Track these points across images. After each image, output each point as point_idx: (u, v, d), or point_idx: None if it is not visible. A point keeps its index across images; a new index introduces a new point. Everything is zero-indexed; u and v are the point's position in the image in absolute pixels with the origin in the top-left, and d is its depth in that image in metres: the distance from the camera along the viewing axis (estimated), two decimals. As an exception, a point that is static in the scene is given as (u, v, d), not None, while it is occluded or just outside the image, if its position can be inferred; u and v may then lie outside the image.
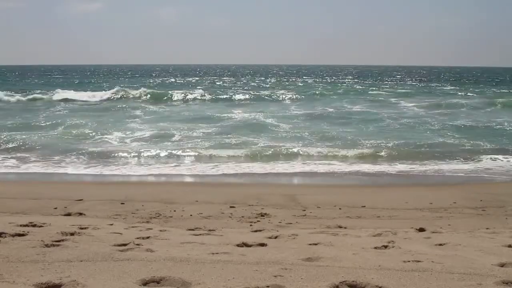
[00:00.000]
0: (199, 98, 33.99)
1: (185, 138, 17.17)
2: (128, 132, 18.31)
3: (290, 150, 14.72)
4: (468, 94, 39.54)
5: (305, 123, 21.70)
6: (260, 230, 5.38)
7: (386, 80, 65.85)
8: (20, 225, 5.09)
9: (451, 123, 21.41)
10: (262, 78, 67.52)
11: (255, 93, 37.20)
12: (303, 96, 35.27)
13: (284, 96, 34.34)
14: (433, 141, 16.59)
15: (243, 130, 18.85)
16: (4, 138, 15.90)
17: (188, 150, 14.63)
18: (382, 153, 14.19)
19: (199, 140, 16.53)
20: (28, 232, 4.63)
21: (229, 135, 17.71)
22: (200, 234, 5.00)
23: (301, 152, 14.37)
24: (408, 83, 58.95)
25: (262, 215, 7.15)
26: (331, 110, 27.05)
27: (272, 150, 14.65)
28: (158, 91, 36.83)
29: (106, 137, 17.08)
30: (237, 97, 34.73)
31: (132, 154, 14.04)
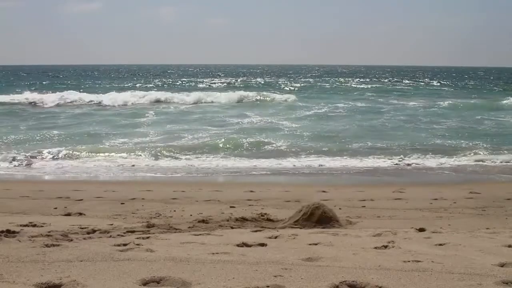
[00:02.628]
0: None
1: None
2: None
3: (290, 149, 14.76)
4: (467, 94, 39.54)
5: (306, 122, 21.72)
6: (260, 230, 5.37)
7: (384, 79, 65.79)
8: (20, 225, 5.09)
9: (449, 123, 21.45)
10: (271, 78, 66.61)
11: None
12: (303, 97, 35.24)
13: (288, 98, 33.99)
14: (431, 140, 16.61)
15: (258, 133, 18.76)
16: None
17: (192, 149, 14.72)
18: (383, 153, 14.21)
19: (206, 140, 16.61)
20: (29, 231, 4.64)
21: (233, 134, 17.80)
22: (200, 234, 5.00)
23: (300, 152, 14.40)
24: (407, 82, 58.89)
25: (262, 215, 7.13)
26: (329, 109, 27.07)
27: (273, 149, 14.69)
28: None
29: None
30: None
31: (130, 153, 14.05)
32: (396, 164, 12.97)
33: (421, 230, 5.40)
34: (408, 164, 12.94)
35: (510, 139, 16.80)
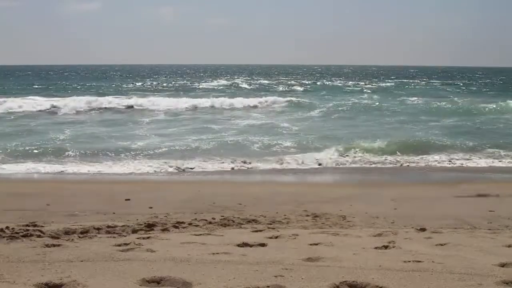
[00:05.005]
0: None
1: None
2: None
3: (290, 149, 14.76)
4: (468, 93, 39.50)
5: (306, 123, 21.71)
6: (260, 230, 5.37)
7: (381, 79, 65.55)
8: (21, 225, 5.10)
9: (442, 123, 21.36)
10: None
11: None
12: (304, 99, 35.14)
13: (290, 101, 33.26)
14: (427, 139, 16.53)
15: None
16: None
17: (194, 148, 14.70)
18: (385, 152, 14.20)
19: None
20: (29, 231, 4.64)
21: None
22: (201, 234, 5.00)
23: (299, 151, 14.40)
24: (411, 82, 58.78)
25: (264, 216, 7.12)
26: (325, 109, 26.89)
27: (274, 149, 14.69)
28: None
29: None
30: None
31: (130, 152, 14.02)
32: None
33: (422, 230, 5.40)
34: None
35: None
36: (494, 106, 27.02)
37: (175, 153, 14.14)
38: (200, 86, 47.05)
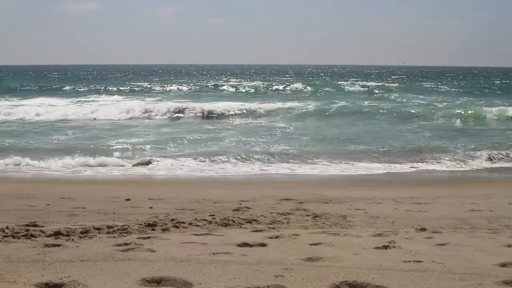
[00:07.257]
0: None
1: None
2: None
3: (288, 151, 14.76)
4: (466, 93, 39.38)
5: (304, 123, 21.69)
6: (261, 230, 5.37)
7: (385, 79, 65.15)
8: (21, 225, 5.10)
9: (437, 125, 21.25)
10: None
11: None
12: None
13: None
14: (425, 141, 16.49)
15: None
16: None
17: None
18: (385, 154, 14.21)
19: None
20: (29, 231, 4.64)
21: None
22: (201, 234, 5.00)
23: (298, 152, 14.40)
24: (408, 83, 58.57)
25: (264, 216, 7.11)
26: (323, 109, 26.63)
27: (272, 150, 14.69)
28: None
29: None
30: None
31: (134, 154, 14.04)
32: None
33: (422, 230, 5.39)
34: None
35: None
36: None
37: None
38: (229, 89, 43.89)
